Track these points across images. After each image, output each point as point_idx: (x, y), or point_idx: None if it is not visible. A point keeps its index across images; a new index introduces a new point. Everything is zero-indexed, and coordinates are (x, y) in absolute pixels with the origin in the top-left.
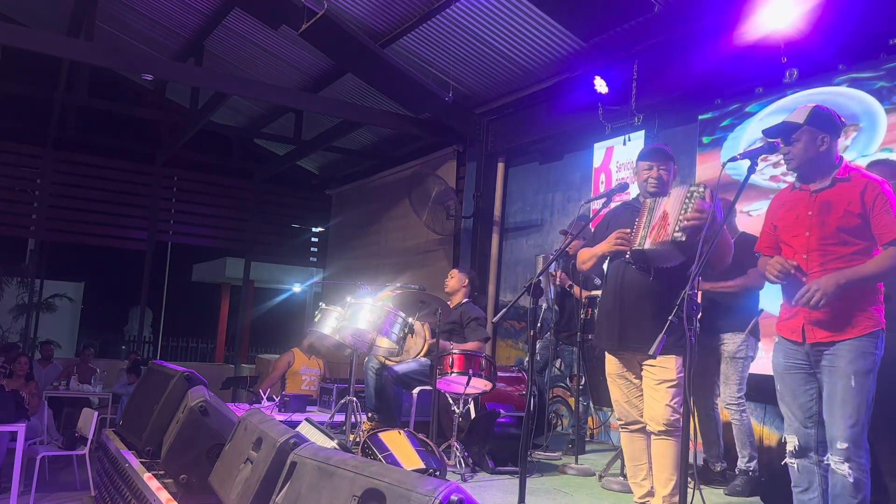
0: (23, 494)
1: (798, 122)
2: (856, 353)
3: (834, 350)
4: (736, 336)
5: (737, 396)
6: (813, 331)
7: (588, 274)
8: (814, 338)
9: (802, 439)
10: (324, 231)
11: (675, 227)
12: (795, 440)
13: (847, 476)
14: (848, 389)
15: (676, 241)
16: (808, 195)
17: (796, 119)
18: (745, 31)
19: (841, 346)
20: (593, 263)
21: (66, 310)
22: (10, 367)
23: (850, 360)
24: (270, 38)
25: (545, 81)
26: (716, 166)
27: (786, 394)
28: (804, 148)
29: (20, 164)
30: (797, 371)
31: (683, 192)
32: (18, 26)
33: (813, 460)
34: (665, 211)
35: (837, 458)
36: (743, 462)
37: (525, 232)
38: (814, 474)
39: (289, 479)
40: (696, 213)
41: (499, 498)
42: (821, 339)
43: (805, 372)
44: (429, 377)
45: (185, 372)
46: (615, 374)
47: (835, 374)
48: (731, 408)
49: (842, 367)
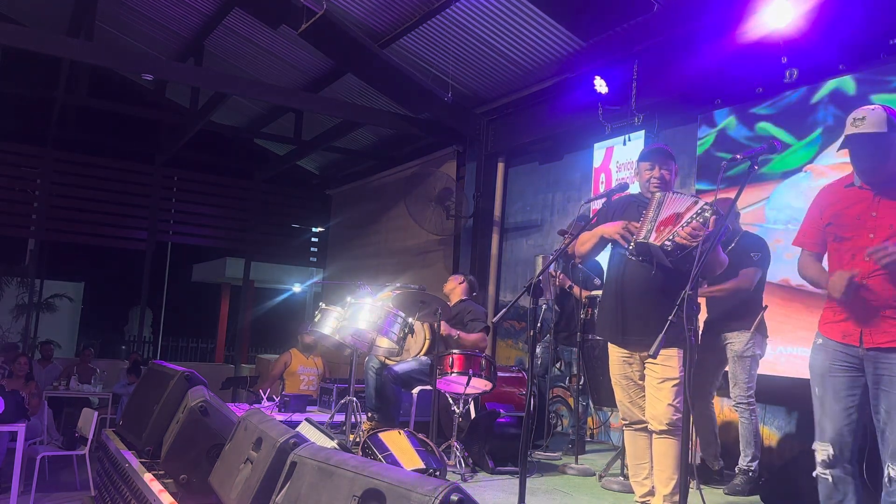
0: (23, 494)
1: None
2: None
3: (894, 358)
4: (742, 334)
5: (746, 395)
6: (871, 334)
7: (584, 259)
8: (872, 342)
9: (838, 447)
10: (324, 231)
11: (668, 236)
12: (830, 449)
13: None
14: None
15: (664, 248)
16: (871, 195)
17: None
18: (745, 31)
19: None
20: (593, 244)
21: (66, 310)
22: (10, 367)
23: None
24: (270, 38)
25: (545, 81)
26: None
27: (827, 397)
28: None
29: (20, 164)
30: (843, 373)
31: (693, 206)
32: (18, 26)
33: (848, 471)
34: (671, 214)
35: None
36: (745, 461)
37: (525, 232)
38: (848, 485)
39: (289, 479)
40: (688, 236)
41: (499, 498)
42: (880, 343)
43: (852, 375)
44: (429, 376)
45: (185, 372)
46: (619, 376)
47: (894, 382)
48: (741, 407)
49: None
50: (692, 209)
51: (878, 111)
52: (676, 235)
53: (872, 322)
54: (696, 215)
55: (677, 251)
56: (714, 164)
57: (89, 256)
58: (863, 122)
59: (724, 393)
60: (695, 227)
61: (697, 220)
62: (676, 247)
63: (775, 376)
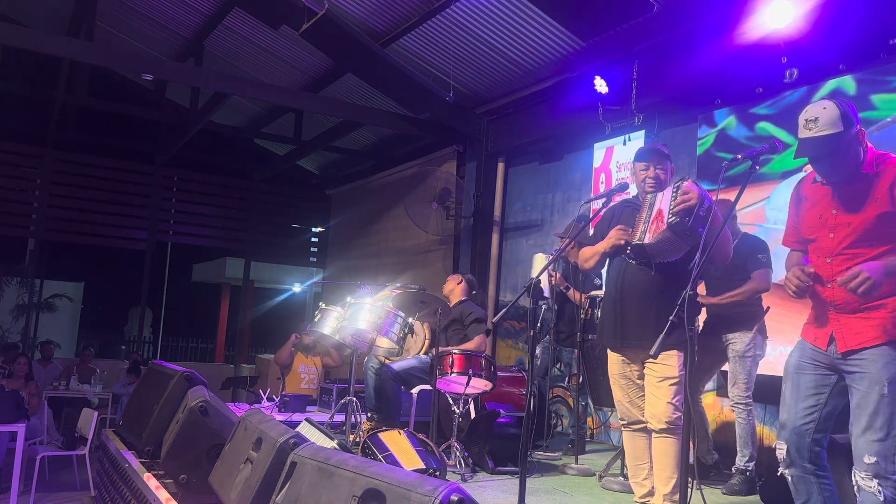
0: (23, 494)
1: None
2: (890, 359)
3: (866, 355)
4: (744, 335)
5: (744, 396)
6: (844, 339)
7: (591, 272)
8: (846, 346)
9: (794, 445)
10: (324, 231)
11: (668, 216)
12: (785, 447)
13: (877, 494)
14: (880, 398)
15: (671, 224)
16: (830, 192)
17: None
18: (745, 31)
19: (874, 352)
20: (596, 261)
21: (66, 310)
22: (10, 367)
23: (883, 365)
24: (270, 38)
25: (545, 81)
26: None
27: (790, 392)
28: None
29: (20, 164)
30: (812, 371)
31: (671, 187)
32: (18, 26)
33: (808, 470)
34: (660, 208)
35: (864, 473)
36: (742, 461)
37: (525, 232)
38: (811, 484)
39: (289, 479)
40: (683, 196)
41: (499, 498)
42: (855, 345)
43: (821, 374)
44: (428, 375)
45: (185, 372)
46: (618, 375)
47: (864, 381)
48: (738, 407)
49: (874, 373)
50: (671, 189)
51: (830, 109)
52: (672, 209)
53: (839, 323)
54: (677, 189)
55: (685, 217)
56: (714, 164)
57: (89, 256)
58: (816, 123)
59: (725, 393)
60: (683, 190)
61: (678, 193)
62: (682, 214)
63: (774, 376)
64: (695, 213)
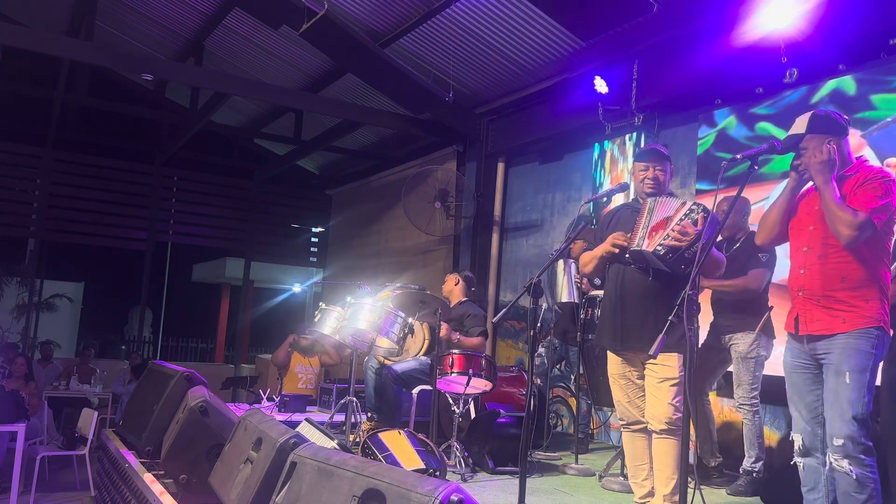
0: (23, 494)
1: (801, 133)
2: (850, 349)
3: (829, 345)
4: (746, 336)
5: (750, 397)
6: (806, 323)
7: (591, 277)
8: (807, 330)
9: (807, 439)
10: (324, 231)
11: (659, 240)
12: (801, 439)
13: (849, 473)
14: (842, 384)
15: (655, 252)
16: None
17: (798, 130)
18: (745, 31)
19: (835, 340)
20: (594, 265)
21: (66, 310)
22: (9, 367)
23: (843, 354)
24: (270, 38)
25: (545, 81)
26: None
27: (793, 393)
28: (812, 155)
29: (20, 164)
30: (803, 371)
31: (682, 208)
32: (18, 26)
33: (819, 460)
34: (662, 218)
35: (836, 454)
36: (749, 462)
37: (525, 232)
38: (819, 474)
39: (289, 479)
40: (679, 236)
41: (499, 498)
42: (814, 331)
43: (810, 372)
44: (429, 376)
45: (185, 372)
46: (617, 375)
47: (830, 368)
48: (744, 408)
49: (835, 362)
50: (681, 210)
51: (807, 113)
52: (667, 238)
53: (804, 308)
54: (685, 216)
55: (669, 254)
56: (714, 164)
57: (89, 256)
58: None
59: (726, 393)
60: (685, 225)
61: (688, 220)
62: (669, 249)
63: (777, 376)
64: (679, 253)
